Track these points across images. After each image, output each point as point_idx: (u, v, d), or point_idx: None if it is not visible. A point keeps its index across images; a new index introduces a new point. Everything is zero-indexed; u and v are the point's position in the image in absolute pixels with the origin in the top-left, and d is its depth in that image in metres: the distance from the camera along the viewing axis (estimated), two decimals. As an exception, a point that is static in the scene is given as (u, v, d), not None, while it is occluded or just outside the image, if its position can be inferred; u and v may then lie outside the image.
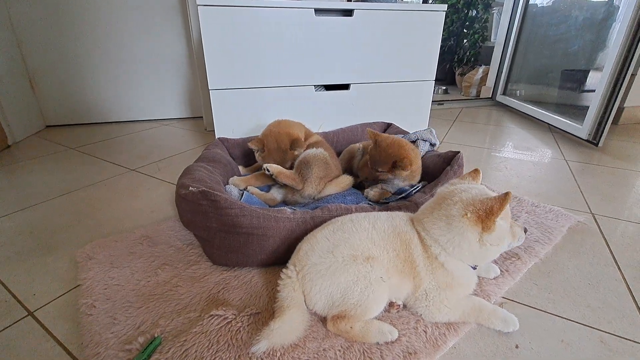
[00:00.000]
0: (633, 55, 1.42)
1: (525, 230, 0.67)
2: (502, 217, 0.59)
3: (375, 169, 1.01)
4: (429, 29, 1.44)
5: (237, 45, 1.23)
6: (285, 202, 1.03)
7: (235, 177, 1.08)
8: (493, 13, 2.96)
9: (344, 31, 1.33)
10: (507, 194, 0.57)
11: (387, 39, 1.40)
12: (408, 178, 1.00)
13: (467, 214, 0.59)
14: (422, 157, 1.12)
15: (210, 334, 0.59)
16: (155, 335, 0.59)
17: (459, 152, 0.96)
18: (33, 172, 1.36)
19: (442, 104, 2.51)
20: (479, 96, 2.68)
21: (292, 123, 1.14)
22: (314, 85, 1.39)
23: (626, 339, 0.62)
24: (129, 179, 1.29)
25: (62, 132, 1.87)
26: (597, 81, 1.57)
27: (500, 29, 2.45)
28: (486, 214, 0.58)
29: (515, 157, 1.50)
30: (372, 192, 0.99)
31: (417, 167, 1.01)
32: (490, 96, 2.57)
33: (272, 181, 1.09)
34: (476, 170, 0.70)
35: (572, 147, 1.62)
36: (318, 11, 1.27)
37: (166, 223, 0.97)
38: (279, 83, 1.33)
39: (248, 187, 1.04)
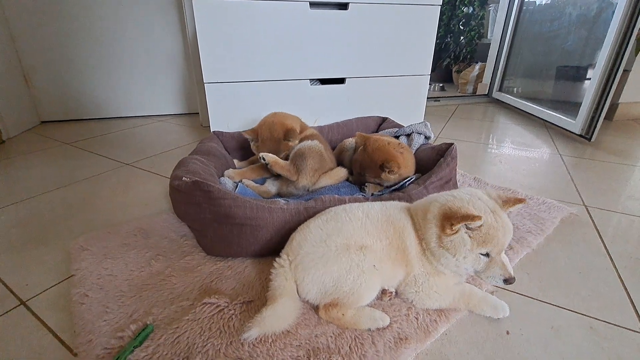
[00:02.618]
0: (625, 51, 1.43)
1: (508, 281, 0.59)
2: (472, 237, 0.58)
3: (362, 174, 1.00)
4: (425, 23, 1.44)
5: (232, 38, 1.23)
6: (279, 195, 1.03)
7: (230, 169, 1.08)
8: (489, 10, 2.97)
9: (339, 25, 1.33)
10: (477, 216, 0.56)
11: (383, 33, 1.40)
12: (398, 179, 0.99)
13: (439, 210, 0.61)
14: (416, 150, 1.12)
15: (202, 321, 0.60)
16: (148, 323, 0.60)
17: (452, 143, 0.97)
18: (27, 167, 1.35)
19: (439, 100, 2.52)
20: (475, 93, 2.68)
21: (288, 115, 1.14)
22: (310, 79, 1.39)
23: (616, 325, 0.62)
24: (123, 173, 1.29)
25: (57, 128, 1.86)
26: (591, 77, 1.57)
27: (497, 26, 2.45)
28: (447, 215, 0.59)
29: (510, 152, 1.51)
30: (367, 188, 1.00)
31: (409, 167, 1.01)
32: (486, 93, 2.58)
33: (267, 174, 1.09)
34: (519, 200, 0.62)
35: (566, 142, 1.63)
36: (313, 4, 1.27)
37: (160, 216, 0.97)
38: (274, 77, 1.33)
39: (243, 180, 1.04)
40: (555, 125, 1.83)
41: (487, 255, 0.60)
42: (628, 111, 2.01)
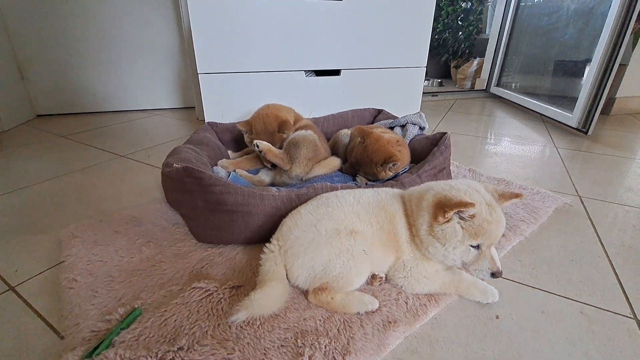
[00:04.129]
0: (621, 45, 1.43)
1: (495, 275, 0.59)
2: (465, 228, 0.57)
3: (356, 168, 1.00)
4: (420, 14, 1.44)
5: (227, 28, 1.22)
6: (273, 184, 1.02)
7: (223, 159, 1.08)
8: (488, 5, 2.96)
9: (335, 15, 1.33)
10: (470, 203, 0.55)
11: (378, 25, 1.40)
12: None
13: (433, 198, 0.60)
14: (411, 141, 1.12)
15: (190, 305, 0.59)
16: (136, 307, 0.59)
17: (446, 132, 0.96)
18: (21, 159, 1.34)
19: (436, 95, 2.51)
20: (473, 88, 2.68)
21: (282, 107, 1.14)
22: (305, 71, 1.38)
23: (606, 310, 0.62)
24: (117, 164, 1.29)
25: (52, 121, 1.86)
26: (588, 71, 1.57)
27: (495, 21, 2.45)
28: (441, 203, 0.58)
29: (507, 144, 1.51)
30: (359, 179, 1.00)
31: (404, 162, 1.00)
32: (484, 88, 2.57)
33: (261, 164, 1.09)
34: (515, 195, 0.62)
35: (562, 136, 1.63)
36: (308, -5, 1.27)
37: (153, 205, 0.96)
38: (269, 68, 1.33)
39: (236, 169, 1.04)
40: (552, 119, 1.83)
41: (477, 247, 0.59)
42: (625, 105, 2.00)
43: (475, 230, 0.57)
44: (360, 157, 0.99)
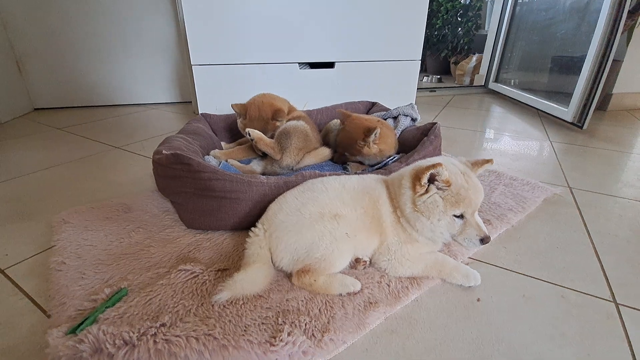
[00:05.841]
0: (614, 40, 1.43)
1: (484, 241, 0.61)
2: (444, 198, 0.59)
3: (344, 154, 1.01)
4: (415, 6, 1.44)
5: (220, 19, 1.23)
6: (264, 174, 1.03)
7: (216, 150, 1.08)
8: (486, 1, 2.95)
9: (329, 7, 1.33)
10: (438, 163, 0.57)
11: (373, 17, 1.40)
12: (378, 155, 0.99)
13: (410, 173, 0.63)
14: (402, 132, 1.12)
15: (176, 285, 0.60)
16: (122, 287, 0.60)
17: (436, 122, 0.97)
18: (17, 149, 1.36)
19: (434, 91, 2.51)
20: (472, 84, 2.67)
21: (277, 97, 1.15)
22: (299, 63, 1.39)
23: (586, 294, 0.63)
24: (112, 155, 1.30)
25: (50, 115, 1.87)
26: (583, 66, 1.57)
27: (493, 17, 2.44)
28: (416, 173, 0.60)
29: (502, 138, 1.51)
30: (350, 167, 1.01)
31: (388, 142, 1.01)
32: (482, 84, 2.57)
33: (253, 154, 1.10)
34: (486, 161, 0.67)
35: (557, 130, 1.63)
36: (302, -13, 1.27)
37: (145, 193, 0.97)
38: (263, 60, 1.33)
39: (228, 159, 1.04)
40: (549, 114, 1.83)
41: (461, 217, 0.61)
42: (621, 101, 2.00)
43: (454, 199, 0.59)
44: (343, 139, 1.00)
